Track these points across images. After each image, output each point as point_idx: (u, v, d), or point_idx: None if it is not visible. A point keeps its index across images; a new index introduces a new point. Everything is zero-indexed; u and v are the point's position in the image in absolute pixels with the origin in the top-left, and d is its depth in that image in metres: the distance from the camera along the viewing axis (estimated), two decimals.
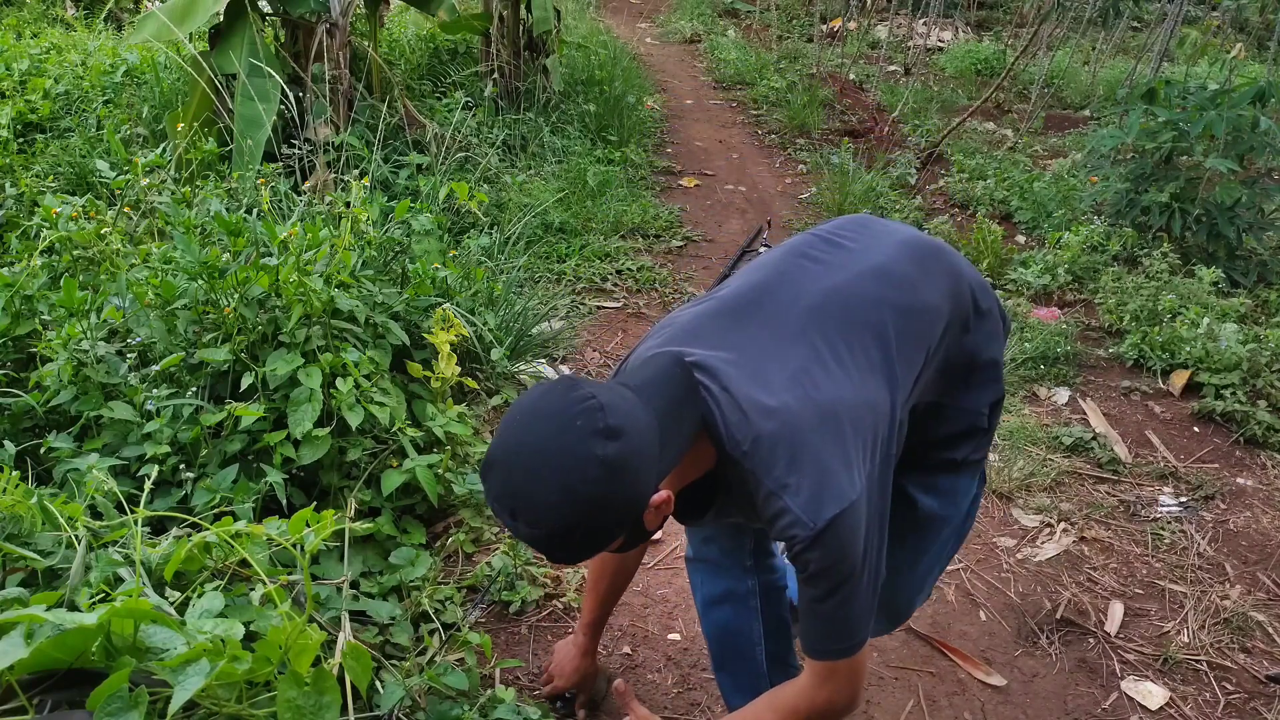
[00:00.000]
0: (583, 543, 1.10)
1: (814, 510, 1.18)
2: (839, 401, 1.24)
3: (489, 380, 3.08)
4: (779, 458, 1.19)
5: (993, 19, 11.42)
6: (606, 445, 1.05)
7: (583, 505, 1.05)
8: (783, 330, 1.30)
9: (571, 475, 1.05)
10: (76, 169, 3.94)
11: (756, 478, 1.21)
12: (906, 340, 1.34)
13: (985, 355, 1.50)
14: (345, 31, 4.33)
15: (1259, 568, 2.60)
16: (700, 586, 1.80)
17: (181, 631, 1.14)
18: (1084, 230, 4.56)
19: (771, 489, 1.20)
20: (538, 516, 1.06)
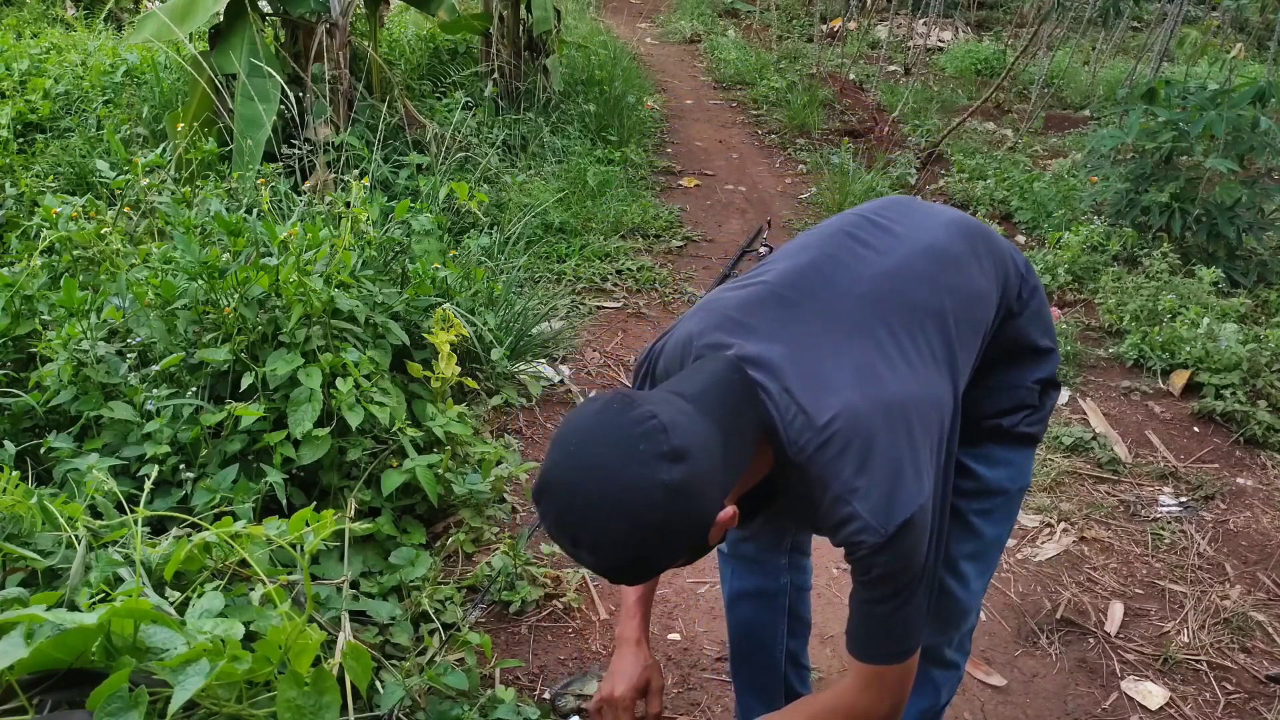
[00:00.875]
0: (648, 569, 1.07)
1: (885, 516, 1.13)
2: (906, 398, 1.18)
3: (489, 380, 3.08)
4: (847, 461, 1.14)
5: (993, 19, 11.42)
6: (672, 469, 1.00)
7: (649, 534, 1.01)
8: (840, 321, 1.23)
9: (637, 505, 0.99)
10: (76, 169, 3.94)
11: (823, 482, 1.15)
12: (965, 326, 1.29)
13: (1032, 338, 1.43)
14: (345, 31, 4.33)
15: (1259, 568, 2.60)
16: (730, 580, 1.76)
17: (181, 631, 1.14)
18: (1084, 230, 4.56)
19: (839, 493, 1.14)
20: (602, 547, 1.02)
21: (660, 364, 1.33)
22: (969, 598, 1.51)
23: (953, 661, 1.61)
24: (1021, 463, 1.48)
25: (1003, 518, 1.50)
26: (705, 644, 2.23)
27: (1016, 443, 1.45)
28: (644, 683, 1.55)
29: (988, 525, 1.47)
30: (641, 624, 1.60)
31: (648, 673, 1.55)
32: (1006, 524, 1.51)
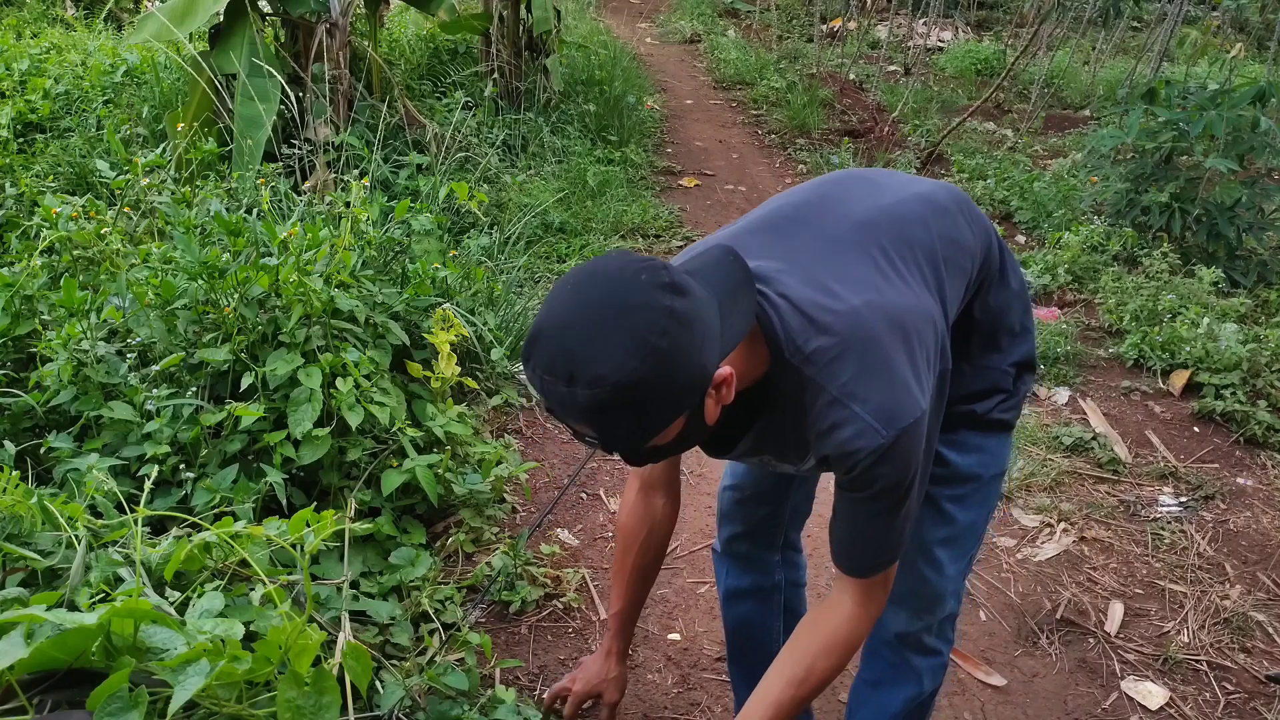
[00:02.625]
0: (648, 411, 0.99)
1: (886, 420, 1.10)
2: (903, 309, 1.17)
3: (489, 380, 3.08)
4: (847, 364, 1.11)
5: (993, 19, 11.42)
6: (674, 299, 0.97)
7: (653, 358, 0.95)
8: (836, 242, 1.22)
9: (640, 324, 0.95)
10: (76, 169, 3.94)
11: (818, 384, 1.12)
12: (953, 268, 1.28)
13: (1011, 318, 1.42)
14: (345, 31, 4.33)
15: (1259, 568, 2.60)
16: (725, 579, 1.77)
17: (181, 631, 1.14)
18: (1084, 230, 4.56)
19: (837, 396, 1.11)
20: (603, 372, 0.95)
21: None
22: (944, 583, 1.50)
23: (933, 648, 1.59)
24: (995, 449, 1.46)
25: (977, 504, 1.48)
26: (705, 644, 2.23)
27: (989, 429, 1.44)
28: (597, 690, 1.67)
29: (961, 511, 1.46)
30: (616, 637, 1.67)
31: (604, 684, 1.67)
32: (981, 510, 1.50)
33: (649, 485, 1.58)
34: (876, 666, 1.62)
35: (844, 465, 1.15)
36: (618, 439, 1.03)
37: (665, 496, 1.58)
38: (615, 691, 1.68)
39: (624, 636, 1.68)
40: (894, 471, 1.13)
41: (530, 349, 1.01)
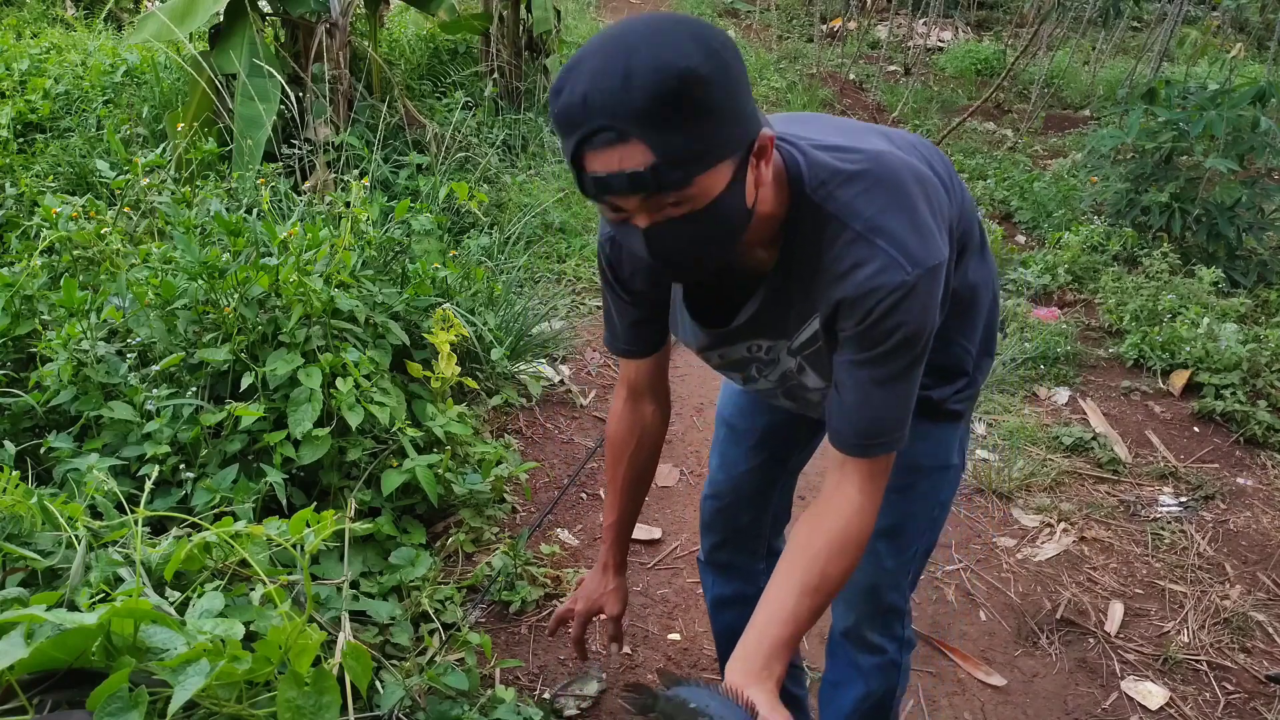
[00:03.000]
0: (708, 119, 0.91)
1: (911, 258, 1.03)
2: (922, 171, 1.13)
3: (489, 380, 3.08)
4: (872, 199, 1.06)
5: (993, 19, 11.42)
6: (720, 35, 0.94)
7: (714, 59, 0.90)
8: (849, 126, 1.21)
9: (697, 28, 0.92)
10: (76, 169, 3.94)
11: (841, 221, 1.06)
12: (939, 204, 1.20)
13: (984, 296, 1.37)
14: (345, 31, 4.33)
15: (1259, 568, 2.60)
16: (711, 588, 1.77)
17: (181, 631, 1.14)
18: (1084, 230, 4.56)
19: (861, 232, 1.05)
20: (669, 58, 0.88)
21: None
22: (880, 575, 1.45)
23: (877, 645, 1.52)
24: (941, 438, 1.41)
25: (920, 497, 1.42)
26: (705, 644, 2.23)
27: (940, 418, 1.39)
28: (599, 605, 1.58)
29: (902, 502, 1.40)
30: (613, 548, 1.57)
31: (604, 598, 1.57)
32: (923, 504, 1.43)
33: (637, 392, 1.49)
34: (835, 667, 1.59)
35: (861, 309, 1.06)
36: (672, 155, 0.91)
37: (654, 403, 1.50)
38: (616, 604, 1.58)
39: (619, 548, 1.59)
40: (913, 319, 1.05)
41: (568, 73, 0.93)
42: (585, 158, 0.94)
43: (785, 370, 1.28)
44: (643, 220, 0.98)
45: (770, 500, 1.67)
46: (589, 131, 0.91)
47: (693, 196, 0.95)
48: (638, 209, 0.97)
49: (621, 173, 0.92)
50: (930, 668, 2.20)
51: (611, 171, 0.93)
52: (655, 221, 0.98)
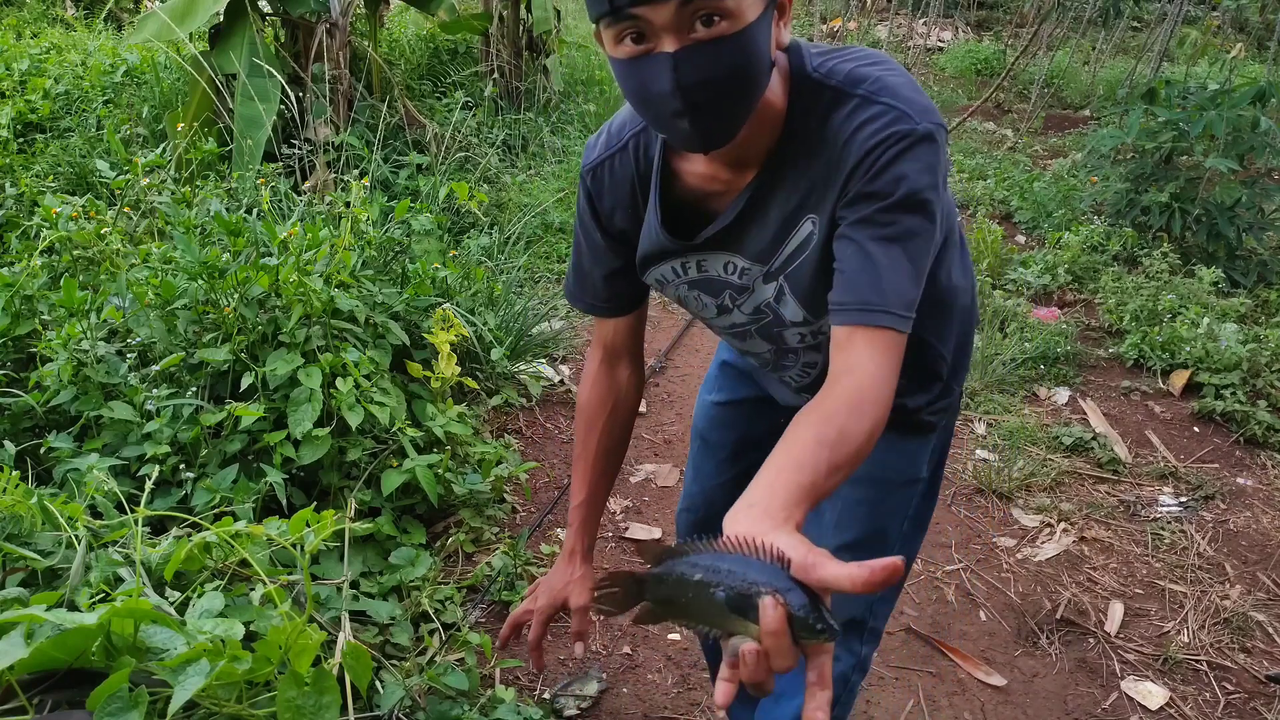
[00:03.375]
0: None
1: (920, 111, 1.00)
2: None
3: (489, 380, 3.08)
4: (874, 67, 1.05)
5: (993, 19, 11.42)
6: None
7: None
8: None
9: None
10: (76, 169, 3.94)
11: (845, 91, 1.03)
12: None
13: (961, 299, 1.30)
14: (345, 31, 4.33)
15: (1259, 568, 2.60)
16: None
17: (181, 631, 1.14)
18: (1084, 230, 4.56)
19: (865, 94, 1.02)
20: None
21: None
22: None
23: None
24: (910, 450, 1.34)
25: (888, 512, 1.35)
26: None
27: (909, 429, 1.32)
28: (562, 598, 1.44)
29: (870, 516, 1.34)
30: (579, 532, 1.46)
31: (568, 588, 1.44)
32: (894, 519, 1.36)
33: (612, 354, 1.41)
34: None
35: (868, 163, 1.00)
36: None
37: (630, 367, 1.42)
38: (582, 594, 1.44)
39: (587, 532, 1.46)
40: (916, 174, 0.99)
41: None
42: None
43: (762, 301, 1.20)
44: (671, 43, 0.92)
45: None
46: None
47: (728, 13, 0.91)
48: (668, 25, 0.91)
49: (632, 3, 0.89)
50: (930, 668, 2.20)
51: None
52: (685, 45, 0.92)
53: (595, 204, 1.24)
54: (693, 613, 0.71)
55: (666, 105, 0.96)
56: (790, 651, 0.66)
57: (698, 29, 0.92)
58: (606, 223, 1.25)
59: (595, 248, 1.27)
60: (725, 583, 0.69)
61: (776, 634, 0.67)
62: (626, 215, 1.22)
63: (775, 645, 0.67)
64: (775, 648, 0.67)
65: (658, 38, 0.92)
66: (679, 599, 0.72)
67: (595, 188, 1.23)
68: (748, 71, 0.96)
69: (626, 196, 1.22)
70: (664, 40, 0.92)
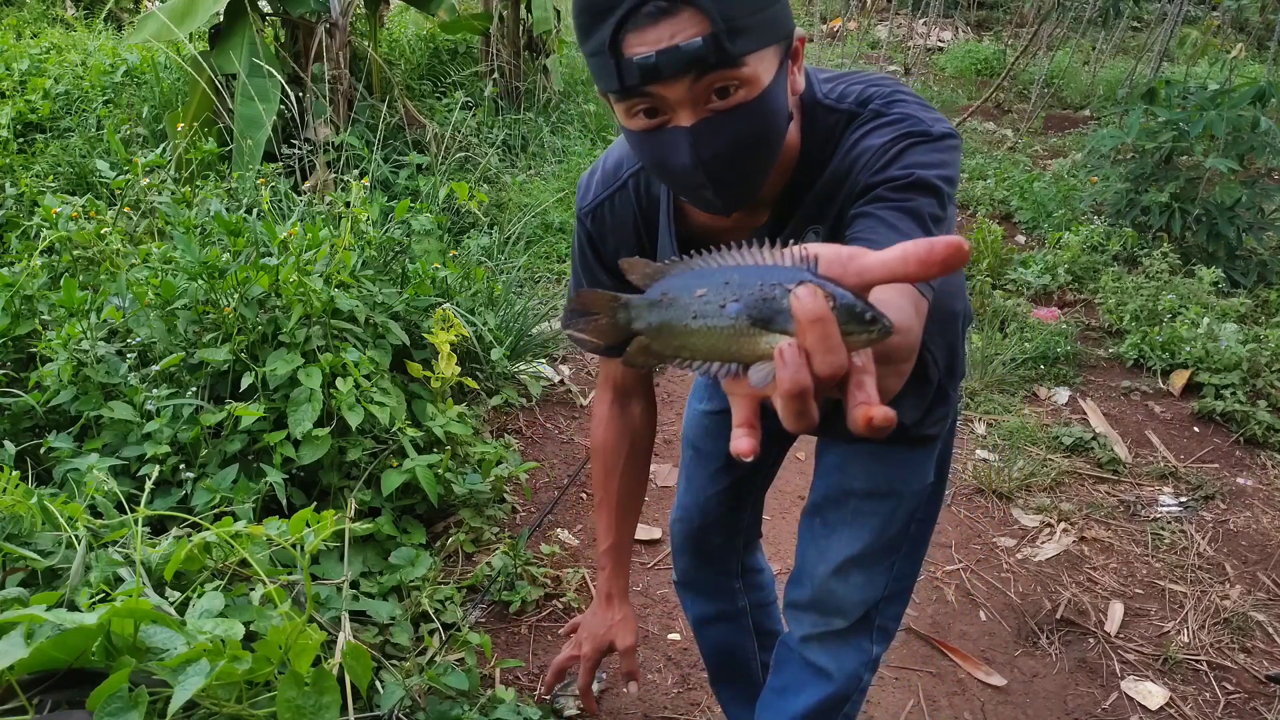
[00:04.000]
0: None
1: (933, 121, 0.98)
2: None
3: (489, 380, 3.08)
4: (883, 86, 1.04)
5: (993, 19, 11.42)
6: None
7: None
8: None
9: None
10: (76, 169, 3.94)
11: (853, 113, 1.02)
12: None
13: (955, 305, 1.29)
14: (345, 31, 4.33)
15: (1259, 568, 2.60)
16: (691, 607, 1.73)
17: (181, 631, 1.14)
18: (1084, 230, 4.56)
19: (877, 109, 1.01)
20: None
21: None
22: (850, 592, 1.36)
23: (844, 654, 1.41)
24: (914, 461, 1.33)
25: (897, 520, 1.34)
26: None
27: (914, 443, 1.31)
28: (607, 642, 1.45)
29: (881, 524, 1.33)
30: (612, 576, 1.45)
31: (612, 631, 1.44)
32: (902, 527, 1.35)
33: (623, 392, 1.40)
34: (784, 672, 1.49)
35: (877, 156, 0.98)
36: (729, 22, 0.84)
37: (642, 402, 1.41)
38: (628, 635, 1.44)
39: (620, 574, 1.45)
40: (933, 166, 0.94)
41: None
42: (625, 40, 0.85)
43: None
44: (687, 117, 0.89)
45: (742, 519, 1.62)
46: (634, 5, 0.83)
47: (744, 82, 0.88)
48: (683, 101, 0.88)
49: (674, 47, 0.84)
50: (930, 668, 2.20)
51: (662, 48, 0.84)
52: (702, 118, 0.89)
53: (597, 245, 1.22)
54: (698, 341, 0.54)
55: (688, 178, 0.93)
56: (838, 344, 0.49)
57: (714, 100, 0.89)
58: (610, 261, 1.23)
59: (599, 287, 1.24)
60: (739, 293, 0.52)
61: (819, 319, 0.49)
62: (630, 254, 1.20)
63: (819, 335, 0.49)
64: (819, 338, 0.49)
65: (673, 111, 0.89)
66: (678, 323, 0.54)
67: (596, 229, 1.21)
68: (768, 135, 0.93)
69: (630, 235, 1.19)
70: (679, 114, 0.89)
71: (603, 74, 0.88)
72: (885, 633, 1.44)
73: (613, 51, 0.85)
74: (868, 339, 0.51)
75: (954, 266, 0.49)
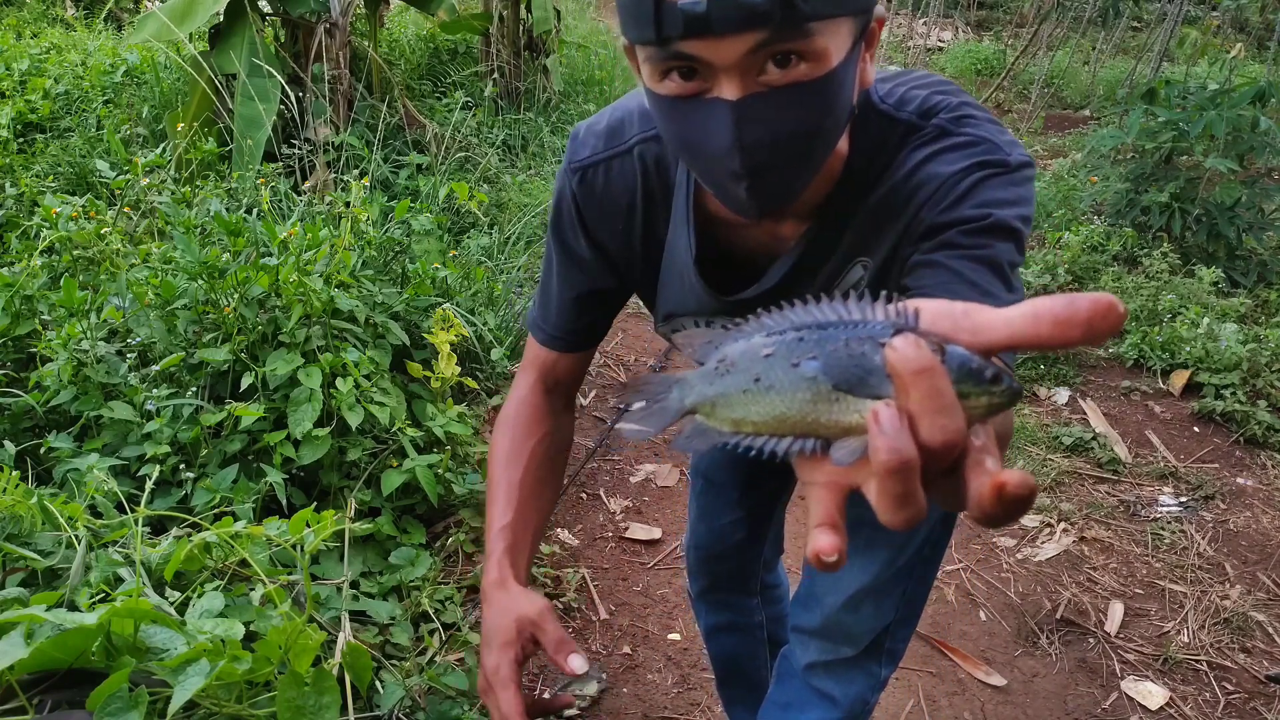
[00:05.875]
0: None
1: (1008, 143, 0.84)
2: None
3: (489, 380, 3.08)
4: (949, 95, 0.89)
5: (993, 19, 11.42)
6: None
7: None
8: None
9: None
10: (76, 169, 3.94)
11: (915, 125, 0.86)
12: None
13: None
14: (345, 31, 4.33)
15: (1259, 568, 2.60)
16: (704, 617, 1.70)
17: (181, 631, 1.14)
18: (1084, 230, 4.56)
19: (943, 125, 0.85)
20: None
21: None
22: (859, 622, 1.31)
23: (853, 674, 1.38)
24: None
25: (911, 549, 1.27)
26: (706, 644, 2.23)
27: None
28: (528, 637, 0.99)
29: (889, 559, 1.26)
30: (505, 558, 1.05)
31: (520, 623, 0.99)
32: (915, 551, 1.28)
33: (551, 385, 1.17)
34: (788, 689, 1.44)
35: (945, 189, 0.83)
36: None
37: (568, 410, 1.21)
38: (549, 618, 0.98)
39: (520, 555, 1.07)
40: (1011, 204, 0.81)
41: None
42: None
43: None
44: (733, 89, 0.72)
45: (762, 540, 1.58)
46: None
47: (810, 55, 0.71)
48: (732, 67, 0.71)
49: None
50: (930, 668, 2.20)
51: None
52: (752, 93, 0.72)
53: (580, 208, 1.02)
54: (763, 409, 0.43)
55: (721, 164, 0.76)
56: (952, 403, 0.39)
57: (769, 71, 0.72)
58: (592, 231, 1.03)
59: (570, 259, 1.05)
60: (817, 350, 0.42)
61: (926, 370, 0.39)
62: (614, 233, 1.02)
63: (926, 392, 0.39)
64: (926, 395, 0.39)
65: (716, 79, 0.72)
66: (736, 391, 0.44)
67: (583, 191, 1.01)
68: (827, 126, 0.76)
69: (620, 211, 1.01)
70: (724, 84, 0.72)
71: (636, 17, 0.70)
72: (894, 655, 1.39)
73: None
74: (990, 403, 0.41)
75: (1102, 334, 0.39)
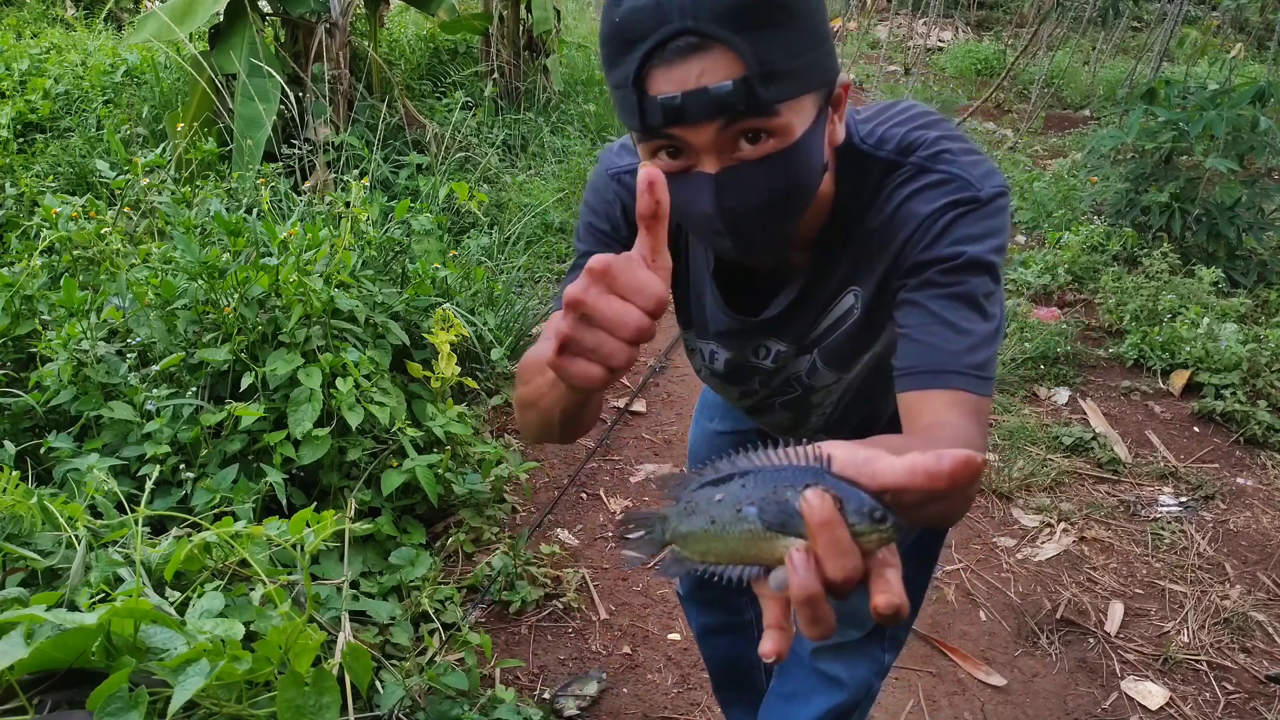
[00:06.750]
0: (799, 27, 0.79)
1: (981, 176, 0.92)
2: None
3: (489, 380, 3.08)
4: (927, 134, 0.96)
5: (993, 19, 11.42)
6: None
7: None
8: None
9: None
10: (76, 169, 3.94)
11: (895, 163, 0.95)
12: None
13: None
14: (345, 31, 4.33)
15: (1259, 568, 2.60)
16: (697, 618, 1.71)
17: (181, 631, 1.14)
18: (1084, 230, 4.56)
19: (919, 163, 0.94)
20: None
21: None
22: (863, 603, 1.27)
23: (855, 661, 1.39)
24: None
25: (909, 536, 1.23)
26: None
27: None
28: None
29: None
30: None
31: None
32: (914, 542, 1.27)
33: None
34: (791, 679, 1.45)
35: (925, 228, 0.92)
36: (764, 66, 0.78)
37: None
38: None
39: None
40: (984, 238, 0.90)
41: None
42: (651, 76, 0.79)
43: (791, 375, 1.14)
44: (712, 164, 0.83)
45: None
46: (663, 38, 0.77)
47: (776, 131, 0.82)
48: (709, 147, 0.82)
49: (703, 89, 0.77)
50: (930, 668, 2.20)
51: (689, 89, 0.77)
52: (728, 166, 0.83)
53: (625, 208, 1.11)
54: (720, 546, 0.56)
55: (708, 225, 0.88)
56: (849, 547, 0.50)
57: (742, 148, 0.82)
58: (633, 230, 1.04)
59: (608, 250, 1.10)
60: (754, 496, 0.54)
61: (827, 523, 0.49)
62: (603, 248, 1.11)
63: (829, 540, 0.49)
64: (829, 543, 0.49)
65: (697, 157, 0.83)
66: (699, 530, 0.56)
67: (625, 193, 1.10)
68: (798, 189, 0.87)
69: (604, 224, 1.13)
70: (704, 160, 0.83)
71: (625, 110, 0.83)
72: (897, 641, 1.41)
73: (637, 87, 0.80)
74: (879, 539, 0.51)
75: (962, 482, 0.48)
